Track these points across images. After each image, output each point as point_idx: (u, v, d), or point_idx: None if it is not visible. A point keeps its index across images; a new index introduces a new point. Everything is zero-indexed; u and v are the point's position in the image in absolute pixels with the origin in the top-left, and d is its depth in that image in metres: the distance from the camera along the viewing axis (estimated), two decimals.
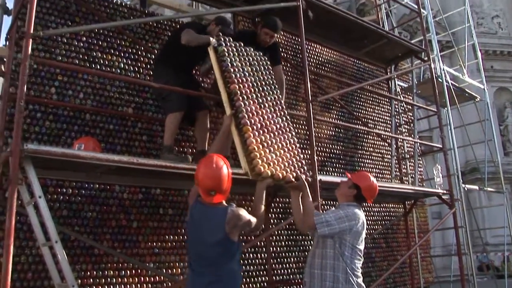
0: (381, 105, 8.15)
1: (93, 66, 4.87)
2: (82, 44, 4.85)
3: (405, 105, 8.38)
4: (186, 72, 4.72)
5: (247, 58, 4.23)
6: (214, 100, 4.98)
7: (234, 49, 4.16)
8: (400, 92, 8.32)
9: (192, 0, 6.69)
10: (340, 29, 6.51)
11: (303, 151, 6.17)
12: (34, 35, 3.58)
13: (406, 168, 7.92)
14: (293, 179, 3.67)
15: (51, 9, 4.79)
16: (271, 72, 4.47)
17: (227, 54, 4.03)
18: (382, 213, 7.53)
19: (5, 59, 4.53)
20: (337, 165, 6.94)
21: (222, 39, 4.15)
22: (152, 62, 5.20)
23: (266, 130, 3.82)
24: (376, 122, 7.93)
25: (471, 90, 9.96)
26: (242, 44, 4.31)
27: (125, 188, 4.74)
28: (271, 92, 4.21)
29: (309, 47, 7.01)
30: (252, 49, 4.40)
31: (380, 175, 7.56)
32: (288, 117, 4.23)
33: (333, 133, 7.04)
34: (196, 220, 3.10)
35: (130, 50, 5.15)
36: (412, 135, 8.05)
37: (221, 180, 3.05)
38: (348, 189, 3.71)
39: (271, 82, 4.32)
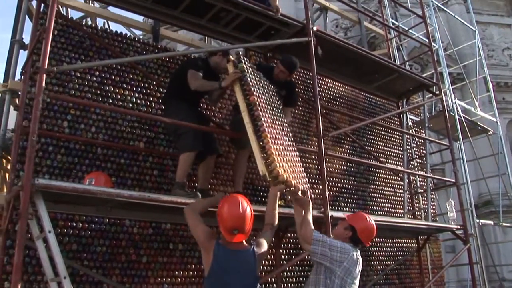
0: (393, 139, 8.10)
1: (106, 100, 4.90)
2: (95, 78, 4.90)
3: (417, 139, 8.32)
4: (197, 106, 4.75)
5: (260, 80, 4.49)
6: (229, 135, 4.95)
7: (250, 69, 4.42)
8: (412, 126, 8.27)
9: (204, 35, 6.75)
10: (351, 64, 6.53)
11: (315, 186, 6.19)
12: (48, 71, 3.62)
13: (418, 202, 7.81)
14: (301, 191, 3.81)
15: (65, 44, 4.85)
16: (280, 99, 4.69)
17: (246, 70, 4.28)
18: (395, 249, 7.39)
19: (19, 93, 4.60)
20: (349, 200, 6.87)
21: (242, 58, 4.40)
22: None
23: (279, 142, 4.03)
24: (388, 156, 7.87)
25: (483, 123, 9.91)
26: (255, 67, 4.60)
27: (135, 222, 4.70)
28: (279, 115, 4.44)
29: (321, 82, 7.03)
30: (261, 75, 4.61)
31: (392, 210, 7.47)
32: (292, 140, 4.46)
33: (345, 167, 6.98)
34: (223, 264, 3.11)
35: (142, 84, 5.19)
36: (425, 170, 7.96)
37: (245, 220, 3.14)
38: (344, 230, 3.67)
39: (280, 108, 4.54)
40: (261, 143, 3.87)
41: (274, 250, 5.41)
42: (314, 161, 6.29)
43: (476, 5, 17.52)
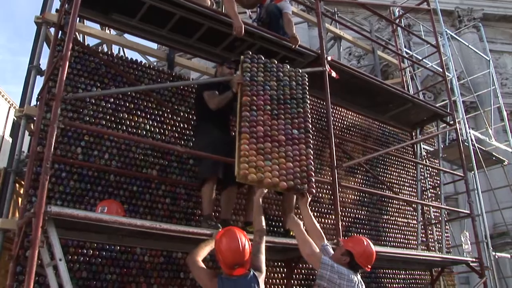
0: (406, 169, 8.02)
1: (120, 127, 4.92)
2: (109, 105, 4.93)
3: (431, 170, 8.23)
4: (226, 127, 4.83)
5: (276, 74, 4.61)
6: None
7: (262, 66, 4.57)
8: (425, 156, 8.20)
9: (218, 63, 6.79)
10: (365, 93, 6.52)
11: (327, 216, 6.14)
12: (64, 98, 3.65)
13: (432, 234, 7.69)
14: (288, 187, 3.97)
15: (81, 70, 4.91)
16: (306, 87, 4.74)
17: (249, 70, 4.45)
18: (408, 281, 7.25)
19: (35, 118, 4.63)
20: (362, 231, 6.77)
21: (250, 56, 4.56)
22: (177, 124, 5.30)
23: (270, 140, 4.14)
24: (401, 187, 7.79)
25: (498, 153, 9.80)
26: (276, 62, 4.70)
27: (146, 250, 4.65)
28: (295, 106, 4.53)
29: (334, 111, 7.04)
30: (288, 66, 4.76)
31: (406, 242, 7.35)
32: (309, 130, 4.50)
33: (358, 197, 6.92)
34: None
35: (156, 112, 5.21)
36: (439, 200, 7.86)
37: (245, 255, 3.17)
38: (341, 256, 3.60)
39: (301, 97, 4.63)
40: (239, 142, 4.05)
41: (285, 281, 5.33)
42: (327, 191, 6.24)
43: (489, 33, 17.55)
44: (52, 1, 5.32)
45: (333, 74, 5.22)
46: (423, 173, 8.03)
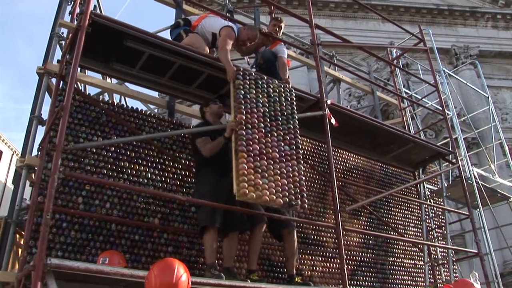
0: (410, 209, 7.95)
1: (121, 176, 4.90)
2: (110, 154, 4.92)
3: (435, 209, 8.15)
4: (227, 172, 4.75)
5: (266, 90, 4.77)
6: (243, 211, 4.88)
7: (253, 82, 4.71)
8: (429, 196, 8.13)
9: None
10: (366, 135, 6.54)
11: (332, 260, 6.04)
12: (64, 149, 3.65)
13: (440, 274, 7.54)
14: (283, 203, 4.13)
15: (82, 119, 4.93)
16: (292, 102, 4.92)
17: (241, 87, 4.58)
18: None
19: (36, 168, 4.62)
20: (368, 274, 6.65)
21: (242, 73, 4.69)
22: (179, 171, 5.27)
23: (265, 157, 4.29)
24: (406, 227, 7.69)
25: (502, 189, 9.71)
26: (265, 77, 4.87)
27: None
28: (285, 122, 4.70)
29: (336, 153, 7.03)
30: (276, 81, 4.94)
31: (414, 283, 7.20)
32: (299, 145, 4.66)
33: (363, 240, 6.82)
34: None
35: (157, 160, 5.20)
36: (445, 240, 7.74)
37: None
38: None
39: (290, 113, 4.80)
40: (237, 161, 4.16)
41: None
42: (332, 235, 6.16)
43: (486, 70, 17.74)
44: (54, 52, 5.43)
45: (333, 121, 5.24)
46: (428, 213, 7.94)
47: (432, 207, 8.00)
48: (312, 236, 6.12)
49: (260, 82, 4.78)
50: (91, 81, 5.80)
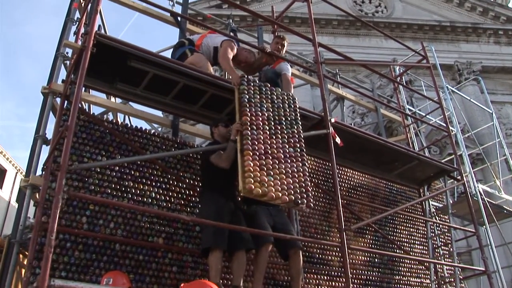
0: (416, 226, 7.89)
1: (125, 195, 4.89)
2: (115, 174, 4.91)
3: (441, 226, 8.08)
4: (231, 195, 4.77)
5: (270, 96, 4.87)
6: (248, 231, 4.86)
7: (257, 88, 4.82)
8: (435, 213, 8.07)
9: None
10: (370, 153, 6.52)
11: (338, 279, 5.98)
12: (69, 169, 3.64)
13: None
14: (289, 201, 4.13)
15: (87, 139, 4.92)
16: (296, 109, 5.02)
17: (246, 92, 4.67)
18: None
19: (40, 188, 4.62)
20: None
21: (246, 79, 4.79)
22: (183, 191, 5.25)
23: (270, 157, 4.34)
24: (412, 245, 7.63)
25: (508, 205, 9.64)
26: (269, 85, 4.97)
27: None
28: (289, 126, 4.80)
29: (340, 172, 7.00)
30: (279, 90, 5.05)
31: None
32: (304, 148, 4.74)
33: (368, 258, 6.76)
34: None
35: (161, 180, 5.19)
36: (451, 258, 7.66)
37: None
38: None
39: (293, 118, 4.91)
40: (242, 159, 4.21)
41: None
42: (337, 254, 6.11)
43: (489, 85, 17.75)
44: (59, 71, 5.45)
45: (337, 140, 5.24)
46: (433, 230, 7.87)
47: (437, 225, 7.93)
48: (317, 255, 6.08)
49: (264, 89, 4.89)
50: (95, 100, 5.81)
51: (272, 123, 4.66)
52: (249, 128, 4.41)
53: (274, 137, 4.55)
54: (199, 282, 3.46)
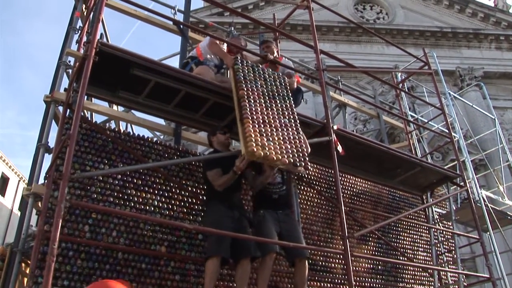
0: (419, 233, 7.86)
1: (128, 203, 4.88)
2: (117, 182, 4.90)
3: (445, 233, 8.05)
4: (236, 205, 4.76)
5: (263, 76, 5.09)
6: (253, 239, 4.82)
7: (251, 68, 5.05)
8: (438, 220, 8.04)
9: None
10: (373, 159, 6.52)
11: (341, 287, 5.95)
12: (71, 178, 3.64)
13: None
14: (288, 162, 4.26)
15: (89, 147, 4.92)
16: (286, 86, 5.22)
17: (241, 70, 4.89)
18: None
19: (42, 196, 4.61)
20: None
21: (239, 60, 5.01)
22: (185, 199, 5.25)
23: (268, 125, 4.52)
24: (415, 252, 7.60)
25: None
26: (260, 66, 5.23)
27: None
28: (282, 101, 5.00)
29: (343, 179, 6.99)
30: (270, 70, 5.28)
31: None
32: (297, 119, 4.91)
33: (372, 266, 6.73)
34: None
35: (164, 188, 5.18)
36: (455, 265, 7.63)
37: None
38: None
39: (285, 94, 5.10)
40: (243, 127, 4.37)
41: None
42: (340, 261, 6.09)
43: (491, 91, 17.72)
44: (61, 80, 5.46)
45: (339, 148, 5.23)
46: (437, 237, 7.84)
47: (441, 231, 7.90)
48: (320, 263, 6.05)
49: (256, 69, 5.10)
50: (97, 109, 5.83)
51: (267, 97, 4.85)
52: (246, 101, 4.59)
53: (269, 108, 4.74)
54: (101, 283, 3.43)
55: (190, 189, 5.35)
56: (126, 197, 4.90)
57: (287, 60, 6.02)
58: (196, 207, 5.30)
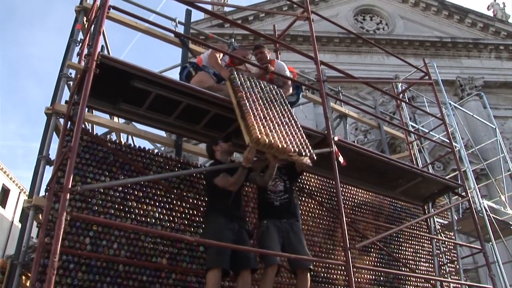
0: (421, 244, 7.82)
1: (128, 215, 4.87)
2: (118, 194, 4.89)
3: (447, 243, 8.02)
4: (236, 218, 4.72)
5: (259, 85, 5.17)
6: (255, 252, 4.80)
7: (247, 78, 5.15)
8: (440, 230, 8.01)
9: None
10: (374, 170, 6.50)
11: None
12: (72, 190, 3.64)
13: None
14: (293, 151, 4.31)
15: (90, 159, 4.91)
16: (283, 96, 5.30)
17: (237, 79, 4.99)
18: None
19: (43, 209, 4.60)
20: None
21: (235, 72, 5.10)
22: (186, 210, 5.23)
23: (270, 121, 4.58)
24: (417, 262, 7.55)
25: None
26: (255, 78, 5.34)
27: None
28: (280, 106, 5.07)
29: (344, 190, 6.97)
30: (266, 83, 5.35)
31: None
32: (297, 121, 4.97)
33: (374, 277, 6.68)
34: None
35: (165, 200, 5.17)
36: (458, 275, 7.58)
37: None
38: None
39: (282, 102, 5.17)
40: (245, 121, 4.43)
41: None
42: (342, 273, 6.06)
43: (491, 100, 17.77)
44: (62, 92, 5.46)
45: (340, 159, 5.22)
46: (439, 248, 7.81)
47: (443, 242, 7.87)
48: (322, 274, 6.02)
49: (252, 79, 5.21)
50: (98, 121, 5.82)
51: (265, 101, 4.94)
52: (246, 100, 4.68)
53: (269, 109, 4.82)
54: None
55: (191, 201, 5.33)
56: (127, 209, 4.89)
57: (281, 63, 5.98)
58: (197, 219, 5.28)
